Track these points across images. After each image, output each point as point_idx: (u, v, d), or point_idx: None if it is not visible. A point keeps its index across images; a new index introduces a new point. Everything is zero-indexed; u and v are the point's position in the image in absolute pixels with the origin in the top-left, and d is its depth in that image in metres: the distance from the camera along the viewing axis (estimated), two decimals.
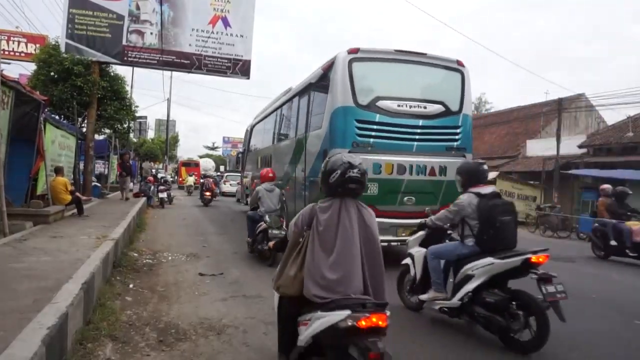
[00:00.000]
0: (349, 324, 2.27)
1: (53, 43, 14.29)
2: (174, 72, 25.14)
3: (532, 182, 20.49)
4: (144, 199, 16.33)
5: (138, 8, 14.16)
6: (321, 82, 8.17)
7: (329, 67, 7.80)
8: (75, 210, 9.83)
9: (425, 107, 7.55)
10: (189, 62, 14.61)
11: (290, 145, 9.79)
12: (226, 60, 14.82)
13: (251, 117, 16.07)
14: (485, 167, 4.60)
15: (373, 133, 7.21)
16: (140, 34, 14.21)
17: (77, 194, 10.27)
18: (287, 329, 2.77)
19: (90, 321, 3.96)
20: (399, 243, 7.12)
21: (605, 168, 16.05)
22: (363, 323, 2.26)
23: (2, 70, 6.84)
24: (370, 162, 7.00)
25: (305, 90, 9.15)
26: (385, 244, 5.92)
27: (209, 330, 4.15)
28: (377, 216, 5.01)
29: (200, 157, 58.58)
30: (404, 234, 6.89)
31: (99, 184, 17.55)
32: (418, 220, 5.30)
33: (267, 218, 7.38)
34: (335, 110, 7.29)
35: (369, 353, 2.21)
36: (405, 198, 7.30)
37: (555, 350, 3.97)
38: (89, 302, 4.08)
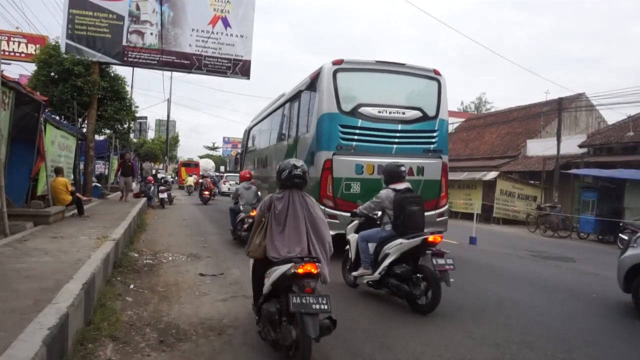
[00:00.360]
0: (292, 271, 3.32)
1: (53, 43, 14.28)
2: (174, 73, 25.15)
3: (532, 181, 20.49)
4: (144, 199, 16.35)
5: (138, 8, 14.16)
6: (309, 90, 8.80)
7: (315, 77, 8.39)
8: (75, 211, 9.84)
9: (404, 113, 8.18)
10: (189, 62, 14.61)
11: (283, 146, 10.40)
12: (226, 61, 14.82)
13: (251, 117, 16.21)
14: (403, 168, 5.67)
15: (355, 137, 7.85)
16: (140, 34, 14.21)
17: (78, 194, 10.28)
18: (258, 285, 3.78)
19: (90, 321, 3.96)
20: None
21: (605, 167, 16.03)
22: (300, 270, 3.30)
23: (2, 71, 6.84)
24: (353, 163, 7.74)
25: (296, 97, 9.77)
26: None
27: (210, 330, 4.15)
28: None
29: (201, 157, 58.67)
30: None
31: (99, 185, 17.55)
32: None
33: (241, 208, 9.14)
34: (321, 117, 7.92)
35: (304, 288, 3.29)
36: None
37: (554, 350, 3.98)
38: (89, 303, 4.09)
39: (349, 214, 7.18)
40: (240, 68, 14.93)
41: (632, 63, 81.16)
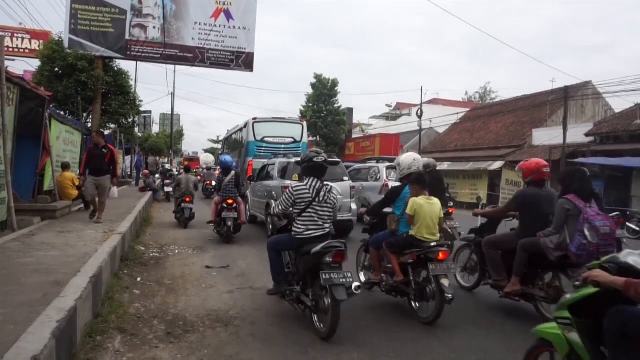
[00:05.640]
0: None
1: (56, 39, 14.31)
2: (177, 66, 25.11)
3: None
4: (149, 193, 16.41)
5: (140, 2, 14.15)
6: (245, 128, 16.54)
7: (246, 124, 16.34)
8: (82, 205, 9.90)
9: (285, 140, 15.56)
10: (192, 55, 14.62)
11: (237, 153, 18.00)
12: (229, 53, 14.82)
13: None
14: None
15: (262, 151, 14.90)
16: (143, 28, 14.20)
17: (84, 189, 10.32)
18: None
19: (99, 314, 4.00)
20: None
21: (612, 156, 15.90)
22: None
23: (6, 67, 6.85)
24: (261, 162, 13.33)
25: (240, 130, 17.88)
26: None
27: (217, 322, 4.19)
28: None
29: (206, 150, 58.83)
30: None
31: None
32: None
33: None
34: (247, 142, 15.72)
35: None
36: None
37: None
38: (97, 296, 4.13)
39: None
40: (243, 60, 14.94)
41: None
